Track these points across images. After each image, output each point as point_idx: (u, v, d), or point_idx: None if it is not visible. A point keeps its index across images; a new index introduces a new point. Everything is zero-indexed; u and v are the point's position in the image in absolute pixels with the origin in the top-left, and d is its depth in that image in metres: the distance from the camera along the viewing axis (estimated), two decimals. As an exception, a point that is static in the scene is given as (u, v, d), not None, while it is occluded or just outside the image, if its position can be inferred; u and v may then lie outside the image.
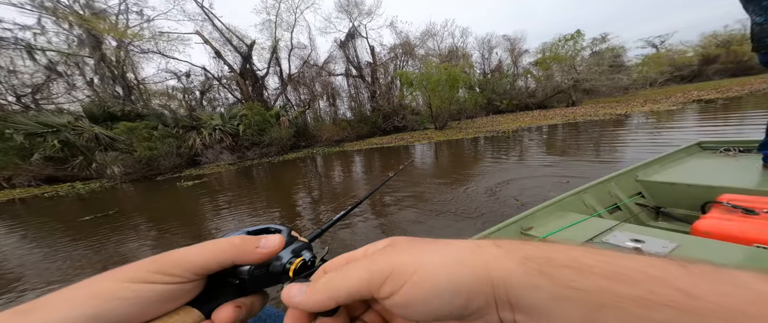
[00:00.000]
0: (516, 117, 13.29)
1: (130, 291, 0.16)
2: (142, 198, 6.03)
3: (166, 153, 8.86)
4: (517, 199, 2.47)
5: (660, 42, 27.26)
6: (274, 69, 15.73)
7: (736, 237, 0.78)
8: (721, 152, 1.60)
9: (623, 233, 0.86)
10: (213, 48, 13.32)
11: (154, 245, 2.95)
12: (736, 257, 0.69)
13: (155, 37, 12.34)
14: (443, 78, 11.39)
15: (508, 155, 5.26)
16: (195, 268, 0.18)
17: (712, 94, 10.63)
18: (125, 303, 0.15)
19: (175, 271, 0.17)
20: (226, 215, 3.80)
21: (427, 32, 17.34)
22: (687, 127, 5.42)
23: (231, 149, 10.96)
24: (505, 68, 20.07)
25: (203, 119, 11.15)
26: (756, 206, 0.89)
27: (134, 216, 4.28)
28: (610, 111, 9.71)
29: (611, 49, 17.63)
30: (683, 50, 25.99)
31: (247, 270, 0.19)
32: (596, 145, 4.81)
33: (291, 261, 0.21)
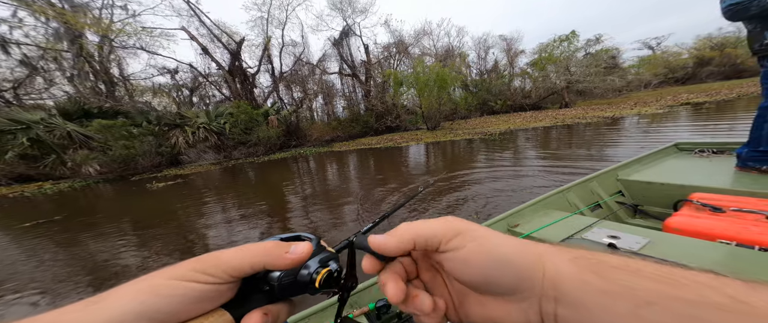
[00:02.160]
0: (508, 118, 13.07)
1: (174, 288, 0.17)
2: (103, 201, 5.63)
3: (145, 152, 8.53)
4: (476, 213, 2.36)
5: (656, 43, 27.21)
6: (266, 67, 15.38)
7: (703, 233, 0.80)
8: (696, 154, 1.66)
9: (601, 229, 0.88)
10: (200, 44, 12.92)
11: (71, 261, 2.56)
12: (701, 252, 0.70)
13: (138, 32, 11.92)
14: (433, 78, 11.13)
15: (485, 160, 5.00)
16: (231, 270, 0.18)
17: (702, 97, 10.49)
18: (170, 299, 0.17)
19: (215, 272, 0.18)
20: (185, 220, 3.44)
21: (422, 31, 17.06)
22: (667, 130, 5.43)
23: (216, 148, 10.64)
24: (501, 69, 19.88)
25: (189, 116, 10.81)
26: (723, 204, 0.92)
27: (82, 222, 3.88)
28: (600, 114, 9.54)
29: (605, 50, 17.47)
30: (678, 52, 25.94)
31: (276, 276, 0.20)
32: (575, 152, 4.63)
33: (318, 271, 0.21)
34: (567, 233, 0.91)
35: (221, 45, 13.36)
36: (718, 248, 0.73)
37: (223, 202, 4.29)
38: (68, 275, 2.28)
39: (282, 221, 3.15)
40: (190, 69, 13.66)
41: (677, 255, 0.69)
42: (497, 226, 1.05)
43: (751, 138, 1.35)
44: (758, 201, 0.92)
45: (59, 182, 8.09)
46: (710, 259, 0.69)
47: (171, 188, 6.02)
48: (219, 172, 7.93)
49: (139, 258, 2.51)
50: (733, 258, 0.69)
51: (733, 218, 0.87)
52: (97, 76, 11.22)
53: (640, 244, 0.77)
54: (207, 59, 13.39)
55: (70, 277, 2.24)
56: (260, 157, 10.09)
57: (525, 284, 0.17)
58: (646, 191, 1.34)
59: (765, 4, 1.17)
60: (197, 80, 14.12)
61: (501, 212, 1.12)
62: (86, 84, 11.06)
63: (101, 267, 2.39)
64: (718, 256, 0.70)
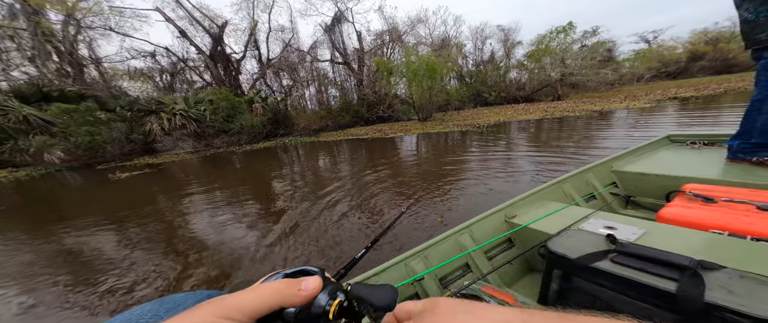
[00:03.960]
0: (500, 110, 12.76)
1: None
2: (55, 192, 5.06)
3: (114, 139, 7.93)
4: (441, 217, 2.20)
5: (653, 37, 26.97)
6: (253, 52, 14.51)
7: (695, 224, 0.82)
8: (687, 145, 1.69)
9: (598, 220, 0.89)
10: (176, 27, 11.97)
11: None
12: (694, 242, 0.72)
13: (104, 12, 10.91)
14: (422, 68, 10.63)
15: (471, 153, 4.67)
16: (250, 312, 0.20)
17: (690, 92, 10.34)
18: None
19: (235, 316, 0.19)
20: (134, 217, 2.97)
21: (417, 18, 16.25)
22: (655, 123, 5.30)
23: (196, 136, 10.04)
24: (497, 60, 19.34)
25: (166, 102, 10.11)
26: (715, 195, 0.93)
27: (14, 219, 3.44)
28: (589, 107, 9.30)
29: (601, 42, 17.11)
30: (673, 46, 25.80)
31: (292, 312, 0.21)
32: (561, 144, 4.40)
33: (329, 303, 0.22)
34: (564, 224, 0.90)
35: (202, 29, 12.44)
36: (711, 238, 0.74)
37: (191, 195, 3.81)
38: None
39: (249, 216, 2.77)
40: (167, 53, 12.75)
41: (672, 246, 0.67)
42: (495, 217, 1.04)
43: (743, 130, 1.36)
44: (749, 192, 0.93)
45: (18, 169, 7.44)
46: (704, 249, 0.69)
47: (137, 179, 5.51)
48: (196, 161, 7.41)
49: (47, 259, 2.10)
50: (726, 247, 0.69)
51: (724, 208, 0.88)
52: (62, 58, 10.31)
53: (636, 235, 0.77)
54: (186, 43, 12.49)
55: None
56: (242, 146, 9.56)
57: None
58: (639, 183, 1.35)
59: None
60: (177, 65, 13.22)
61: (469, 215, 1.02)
62: (50, 66, 10.16)
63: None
64: (712, 246, 0.70)
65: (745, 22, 1.30)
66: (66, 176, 6.69)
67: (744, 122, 1.35)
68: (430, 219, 2.19)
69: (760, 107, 1.29)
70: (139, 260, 2.02)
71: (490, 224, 1.02)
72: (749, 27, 1.28)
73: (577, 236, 0.76)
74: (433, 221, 2.14)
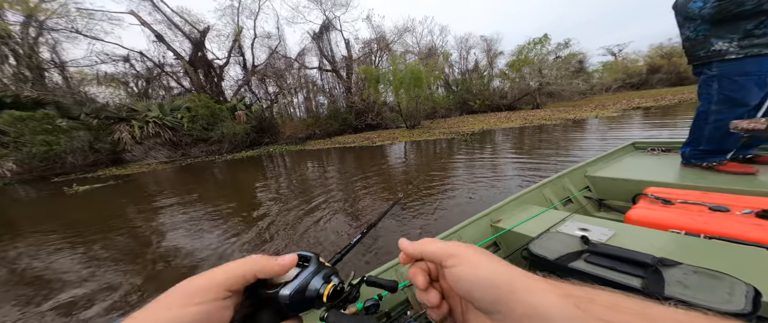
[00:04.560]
0: (484, 118, 13.20)
1: (175, 317, 0.18)
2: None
3: (75, 149, 7.23)
4: (420, 229, 2.18)
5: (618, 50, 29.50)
6: (237, 59, 14.11)
7: (657, 224, 0.89)
8: (649, 151, 1.83)
9: (573, 223, 0.95)
10: (152, 31, 11.43)
11: None
12: (656, 241, 0.78)
13: (70, 13, 10.21)
14: (408, 76, 10.82)
15: (452, 161, 4.73)
16: (225, 283, 0.20)
17: (650, 102, 11.27)
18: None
19: (208, 293, 0.19)
20: (82, 236, 2.58)
21: (404, 28, 16.66)
22: (621, 131, 5.72)
23: (171, 145, 9.44)
24: (481, 69, 20.18)
25: (138, 109, 9.47)
26: (672, 197, 1.01)
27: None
28: (565, 115, 9.84)
29: (573, 54, 18.44)
30: (635, 59, 28.36)
31: (287, 295, 0.22)
32: (538, 151, 4.58)
33: (324, 286, 0.23)
34: (544, 227, 0.94)
35: (181, 33, 11.96)
36: (671, 237, 0.80)
37: (158, 210, 3.45)
38: None
39: (224, 231, 2.50)
40: (141, 58, 12.09)
41: (637, 245, 0.72)
42: (481, 221, 1.09)
43: (692, 138, 1.47)
44: (701, 194, 1.02)
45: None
46: (664, 247, 0.74)
47: (97, 192, 5.00)
48: (169, 171, 6.89)
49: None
50: (683, 245, 0.75)
51: (681, 209, 0.95)
52: (19, 61, 9.43)
53: (606, 235, 0.83)
54: (163, 48, 11.93)
55: None
56: (223, 155, 9.08)
57: (499, 307, 0.19)
58: (609, 187, 1.44)
59: (763, 0, 1.15)
60: (153, 71, 12.54)
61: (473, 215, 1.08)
62: (6, 70, 9.25)
63: None
64: (671, 245, 0.76)
65: (686, 39, 1.41)
66: (18, 189, 5.96)
67: (692, 130, 1.47)
68: (420, 223, 2.17)
69: (705, 117, 1.41)
70: (74, 285, 1.73)
71: (477, 229, 1.06)
72: (690, 44, 1.40)
73: (555, 238, 0.81)
74: (424, 224, 2.10)
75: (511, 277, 0.19)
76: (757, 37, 1.23)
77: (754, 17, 1.20)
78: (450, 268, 0.22)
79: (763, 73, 1.26)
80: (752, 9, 1.16)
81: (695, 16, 1.31)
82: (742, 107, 1.31)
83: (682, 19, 1.40)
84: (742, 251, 0.69)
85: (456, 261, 0.22)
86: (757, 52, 1.24)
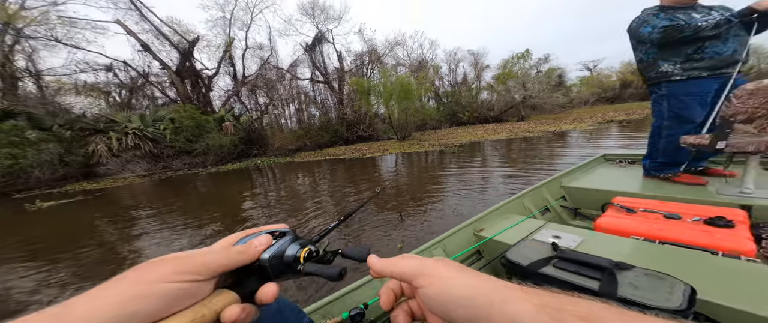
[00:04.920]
0: (473, 130, 13.54)
1: (155, 291, 0.18)
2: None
3: (44, 162, 6.72)
4: (401, 243, 2.13)
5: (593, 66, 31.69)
6: (227, 69, 13.99)
7: (621, 231, 0.97)
8: (617, 163, 1.97)
9: (548, 230, 1.01)
10: (138, 40, 11.21)
11: None
12: (617, 247, 0.84)
13: (50, 21, 9.88)
14: (397, 89, 11.07)
15: (442, 172, 4.79)
16: (216, 269, 0.21)
17: (622, 116, 12.03)
18: (153, 300, 0.17)
19: (201, 271, 0.20)
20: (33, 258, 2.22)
21: (395, 41, 17.20)
22: (597, 142, 6.11)
23: (152, 157, 8.99)
24: (469, 82, 20.98)
25: (118, 121, 9.04)
26: (634, 206, 1.10)
27: None
28: (546, 128, 10.28)
29: (553, 69, 19.64)
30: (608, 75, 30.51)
31: (267, 259, 0.24)
32: (522, 163, 4.70)
33: (300, 251, 0.25)
34: (523, 235, 0.99)
35: (169, 43, 11.80)
36: (632, 243, 0.87)
37: (130, 228, 3.19)
38: None
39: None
40: (124, 67, 11.74)
41: (601, 251, 0.78)
42: (465, 230, 1.11)
43: (650, 151, 1.59)
44: (659, 203, 1.10)
45: None
46: (623, 252, 0.80)
47: (63, 209, 4.56)
48: (147, 185, 6.48)
49: None
50: (641, 251, 0.82)
51: (641, 217, 1.02)
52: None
53: (576, 242, 0.88)
54: (149, 57, 11.68)
55: None
56: (207, 168, 8.72)
57: (479, 321, 0.18)
58: (582, 196, 1.52)
59: (699, 28, 1.27)
60: (137, 80, 12.17)
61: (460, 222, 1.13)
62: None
63: None
64: (631, 250, 0.82)
65: (639, 61, 1.53)
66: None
67: (650, 144, 1.59)
68: (407, 234, 2.11)
69: (659, 132, 1.53)
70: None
71: (461, 238, 1.09)
72: (643, 65, 1.52)
73: (529, 245, 0.85)
74: (411, 234, 2.04)
75: (487, 290, 0.19)
76: (696, 61, 1.35)
77: (693, 43, 1.33)
78: (421, 289, 0.21)
79: (704, 94, 1.37)
80: (690, 36, 1.29)
81: (646, 40, 1.42)
82: (689, 124, 1.42)
83: (635, 43, 1.52)
84: (688, 254, 0.76)
85: (425, 281, 0.21)
86: (697, 75, 1.36)
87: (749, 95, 1.10)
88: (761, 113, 1.12)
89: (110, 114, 9.27)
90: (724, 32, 1.29)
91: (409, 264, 0.23)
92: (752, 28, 1.29)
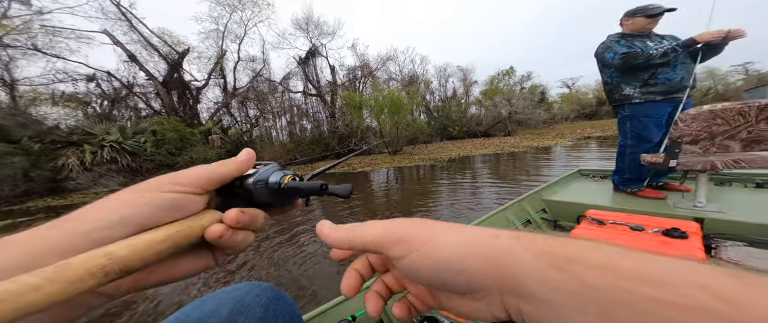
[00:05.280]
0: (462, 144, 13.82)
1: (148, 199, 0.19)
2: None
3: (4, 177, 6.15)
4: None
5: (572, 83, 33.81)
6: (217, 81, 13.84)
7: None
8: (591, 178, 2.09)
9: None
10: (125, 51, 10.98)
11: None
12: None
13: (32, 30, 9.56)
14: (388, 103, 11.28)
15: (432, 185, 4.78)
16: (199, 182, 0.21)
17: (599, 132, 12.70)
18: (146, 207, 0.18)
19: (188, 184, 0.21)
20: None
21: (387, 56, 17.72)
22: (573, 158, 6.34)
23: (129, 171, 8.50)
24: (459, 97, 21.74)
25: (95, 133, 8.58)
26: (604, 218, 1.16)
27: None
28: (530, 143, 10.65)
29: (536, 86, 20.78)
30: (585, 92, 32.57)
31: (251, 182, 0.24)
32: (510, 178, 4.80)
33: (283, 178, 0.25)
34: None
35: (157, 54, 11.62)
36: None
37: None
38: None
39: None
40: (108, 77, 11.37)
41: None
42: None
43: (618, 168, 1.71)
44: (626, 216, 1.15)
45: None
46: None
47: (20, 229, 4.18)
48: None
49: None
50: None
51: (611, 229, 1.08)
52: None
53: None
54: (134, 68, 11.40)
55: None
56: (190, 182, 8.33)
57: (478, 284, 0.15)
58: (560, 209, 1.59)
59: (651, 56, 1.41)
60: (120, 91, 11.76)
61: None
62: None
63: None
64: None
65: (605, 84, 1.67)
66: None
67: (617, 161, 1.71)
68: None
69: (623, 150, 1.65)
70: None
71: None
72: (608, 88, 1.65)
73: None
74: None
75: (493, 244, 0.15)
76: (651, 86, 1.48)
77: (647, 69, 1.47)
78: (401, 259, 0.17)
79: (659, 116, 1.51)
80: (643, 63, 1.43)
81: (609, 64, 1.56)
82: (648, 143, 1.54)
83: (601, 66, 1.65)
84: None
85: (405, 249, 0.16)
86: (653, 98, 1.49)
87: (692, 119, 1.19)
88: (704, 135, 1.22)
89: (87, 126, 8.79)
90: (672, 60, 1.42)
91: (378, 231, 0.18)
92: (697, 57, 1.43)
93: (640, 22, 1.49)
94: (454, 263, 0.15)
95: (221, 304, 0.31)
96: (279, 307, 0.34)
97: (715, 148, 1.23)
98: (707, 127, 1.18)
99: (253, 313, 0.31)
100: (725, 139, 1.19)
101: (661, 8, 1.45)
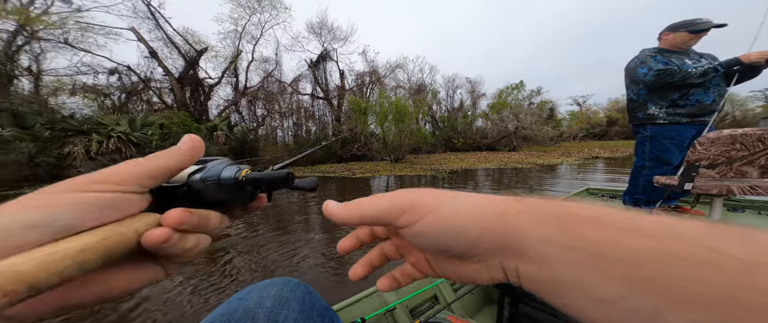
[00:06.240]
0: (465, 157, 13.41)
1: (70, 198, 0.16)
2: None
3: (10, 162, 6.21)
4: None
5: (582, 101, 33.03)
6: (230, 80, 14.14)
7: None
8: (599, 197, 2.08)
9: None
10: (148, 47, 11.38)
11: None
12: None
13: (65, 25, 10.02)
14: (392, 110, 11.12)
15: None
16: (128, 178, 0.17)
17: (607, 153, 12.03)
18: (66, 209, 0.15)
19: (116, 182, 0.17)
20: None
21: (396, 64, 17.63)
22: (580, 176, 6.02)
23: (133, 163, 8.53)
24: (466, 108, 21.42)
25: (105, 123, 8.72)
26: None
27: None
28: (535, 160, 10.17)
29: (545, 102, 20.25)
30: (596, 111, 31.69)
31: (198, 178, 0.20)
32: (507, 190, 4.54)
33: (238, 172, 0.22)
34: None
35: (176, 52, 12.00)
36: None
37: None
38: None
39: None
40: (128, 71, 11.75)
41: None
42: None
43: (630, 188, 1.70)
44: None
45: None
46: None
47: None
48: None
49: None
50: None
51: None
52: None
53: None
54: (153, 63, 11.77)
55: None
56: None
57: (479, 249, 0.16)
58: None
59: (689, 75, 1.34)
60: (138, 85, 12.12)
61: None
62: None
63: None
64: None
65: (630, 100, 1.61)
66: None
67: (631, 182, 1.68)
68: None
69: (640, 171, 1.60)
70: None
71: None
72: (632, 105, 1.60)
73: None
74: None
75: (496, 209, 0.16)
76: (679, 107, 1.42)
77: (679, 89, 1.39)
78: (408, 227, 0.17)
79: (682, 139, 1.45)
80: (679, 81, 1.35)
81: (640, 80, 1.49)
82: (667, 166, 1.49)
83: (629, 82, 1.59)
84: None
85: (412, 217, 0.17)
86: (678, 120, 1.44)
87: (711, 143, 1.16)
88: (721, 160, 1.17)
89: (99, 116, 8.97)
90: (706, 81, 1.35)
91: (385, 201, 0.18)
92: (733, 80, 1.34)
93: (682, 37, 1.40)
94: (461, 226, 0.16)
95: (263, 297, 0.32)
96: (311, 301, 0.35)
97: (732, 173, 1.19)
98: (726, 151, 1.15)
99: (292, 307, 0.32)
100: (743, 164, 1.16)
101: (709, 23, 1.32)
